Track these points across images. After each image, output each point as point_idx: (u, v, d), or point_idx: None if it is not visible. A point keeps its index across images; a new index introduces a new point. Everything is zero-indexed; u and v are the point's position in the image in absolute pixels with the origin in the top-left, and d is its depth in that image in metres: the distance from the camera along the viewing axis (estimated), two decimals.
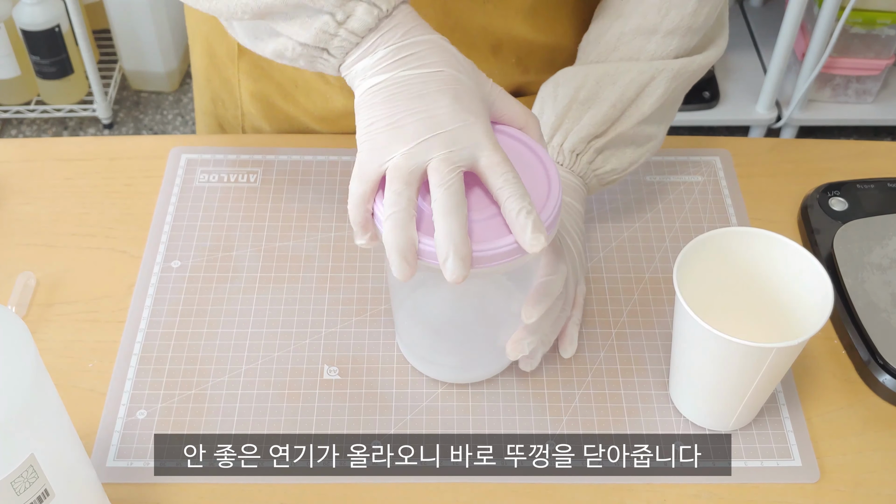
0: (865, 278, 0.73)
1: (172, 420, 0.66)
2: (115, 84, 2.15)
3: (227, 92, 0.87)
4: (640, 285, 0.75)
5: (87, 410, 0.67)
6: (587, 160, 0.72)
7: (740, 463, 0.65)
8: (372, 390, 0.68)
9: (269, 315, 0.72)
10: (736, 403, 0.63)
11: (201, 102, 0.92)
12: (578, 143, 0.71)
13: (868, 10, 1.82)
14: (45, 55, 1.94)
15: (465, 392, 0.68)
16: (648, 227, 0.79)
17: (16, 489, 0.48)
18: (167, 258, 0.76)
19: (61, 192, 0.81)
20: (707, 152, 0.85)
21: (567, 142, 0.71)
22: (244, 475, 0.63)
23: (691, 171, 0.80)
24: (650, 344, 0.71)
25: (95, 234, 0.78)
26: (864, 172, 0.83)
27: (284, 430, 0.66)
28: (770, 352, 0.58)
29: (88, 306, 0.73)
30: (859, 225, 0.76)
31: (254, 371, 0.69)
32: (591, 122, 0.71)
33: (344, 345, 0.70)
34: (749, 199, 0.81)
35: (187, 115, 2.20)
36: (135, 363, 0.69)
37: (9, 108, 2.04)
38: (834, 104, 2.01)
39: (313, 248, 0.77)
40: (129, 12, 2.06)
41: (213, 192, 0.80)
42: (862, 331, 0.70)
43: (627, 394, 0.68)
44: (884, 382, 0.68)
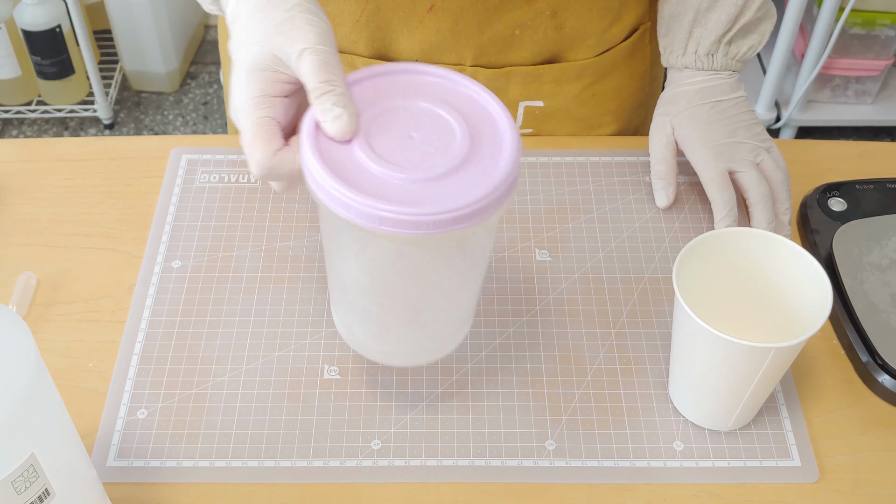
0: (865, 278, 0.73)
1: (173, 420, 0.66)
2: (116, 84, 2.16)
3: None
4: (639, 285, 0.75)
5: (88, 410, 0.67)
6: (722, 54, 0.80)
7: (739, 463, 0.65)
8: (372, 390, 0.68)
9: (269, 315, 0.72)
10: (735, 403, 0.63)
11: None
12: (711, 45, 0.80)
13: (867, 11, 1.83)
14: (45, 55, 1.94)
15: (465, 392, 0.68)
16: (648, 227, 0.79)
17: (16, 488, 0.48)
18: (168, 258, 0.76)
19: (62, 193, 0.81)
20: None
21: (700, 47, 0.80)
22: (244, 475, 0.64)
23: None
24: (650, 344, 0.71)
25: (96, 234, 0.78)
26: (863, 173, 0.83)
27: (285, 430, 0.66)
28: (769, 352, 0.58)
29: (89, 306, 0.73)
30: (858, 225, 0.76)
31: (254, 371, 0.69)
32: (716, 25, 0.79)
33: (344, 345, 0.70)
34: None
35: (188, 115, 2.20)
36: (135, 363, 0.69)
37: (10, 108, 2.05)
38: (833, 105, 2.01)
39: (313, 248, 0.77)
40: (130, 13, 2.07)
41: (214, 193, 0.81)
42: (861, 331, 0.70)
43: (627, 394, 0.68)
44: (883, 382, 0.68)
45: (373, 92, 0.55)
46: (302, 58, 0.53)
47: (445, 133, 0.53)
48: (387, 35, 0.79)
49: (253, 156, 0.54)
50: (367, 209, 0.49)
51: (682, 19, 0.80)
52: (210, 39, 2.40)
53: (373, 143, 0.52)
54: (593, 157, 0.84)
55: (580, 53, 0.82)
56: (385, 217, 0.49)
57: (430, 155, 0.52)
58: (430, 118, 0.54)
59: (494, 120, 0.55)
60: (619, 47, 0.84)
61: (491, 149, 0.53)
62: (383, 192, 0.50)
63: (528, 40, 0.79)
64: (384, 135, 0.53)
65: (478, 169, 0.52)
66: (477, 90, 0.56)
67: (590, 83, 0.85)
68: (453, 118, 0.54)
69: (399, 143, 0.53)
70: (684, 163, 0.81)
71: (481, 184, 0.51)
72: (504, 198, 0.52)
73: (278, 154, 0.54)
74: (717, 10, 0.79)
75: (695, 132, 0.79)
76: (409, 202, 0.50)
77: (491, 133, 0.54)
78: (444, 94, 0.56)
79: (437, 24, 0.77)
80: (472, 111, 0.55)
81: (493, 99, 0.55)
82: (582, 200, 0.81)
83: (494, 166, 0.52)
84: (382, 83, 0.56)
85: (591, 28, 0.80)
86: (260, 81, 0.55)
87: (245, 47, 0.56)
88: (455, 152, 0.52)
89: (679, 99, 0.81)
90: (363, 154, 0.52)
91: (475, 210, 0.50)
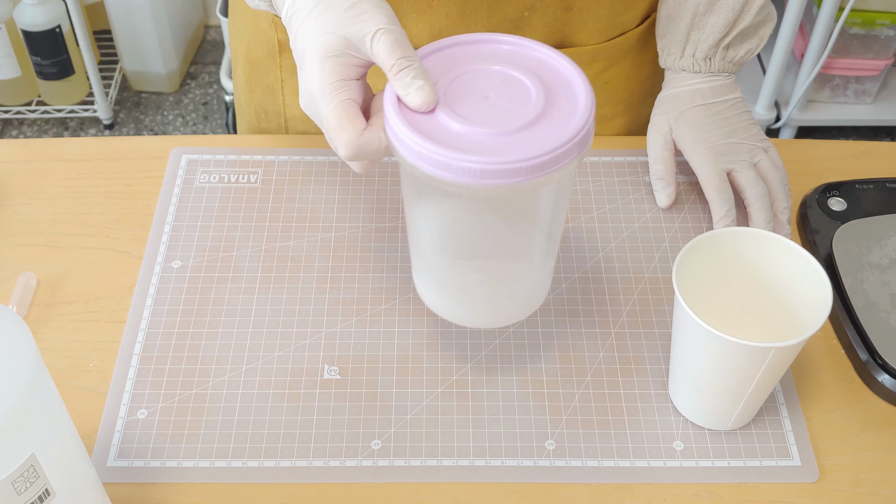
0: (864, 278, 0.73)
1: (173, 420, 0.66)
2: (116, 85, 2.16)
3: (270, 99, 0.88)
4: (639, 285, 0.75)
5: (88, 410, 0.67)
6: (720, 58, 0.81)
7: (739, 462, 0.65)
8: (372, 390, 0.68)
9: (269, 315, 0.72)
10: (735, 403, 0.63)
11: (244, 121, 0.94)
12: (709, 49, 0.80)
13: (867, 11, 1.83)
14: (45, 56, 1.94)
15: (465, 392, 0.68)
16: (648, 227, 0.79)
17: (17, 489, 0.48)
18: (168, 258, 0.76)
19: (62, 193, 0.81)
20: None
21: (698, 51, 0.80)
22: (244, 475, 0.64)
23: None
24: (650, 344, 0.71)
25: (96, 235, 0.78)
26: (863, 172, 0.83)
27: (285, 430, 0.66)
28: (769, 351, 0.58)
29: (89, 306, 0.73)
30: (858, 225, 0.76)
31: (254, 371, 0.69)
32: (714, 29, 0.79)
33: (344, 345, 0.71)
34: None
35: (188, 115, 2.20)
36: (135, 363, 0.69)
37: (10, 108, 2.05)
38: (833, 104, 2.02)
39: (313, 248, 0.77)
40: (130, 13, 2.07)
41: (214, 193, 0.81)
42: (861, 331, 0.70)
43: (627, 394, 0.68)
44: (883, 382, 0.68)
45: (443, 62, 0.57)
46: (376, 38, 0.55)
47: (520, 91, 0.55)
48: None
49: (342, 137, 0.56)
50: (460, 163, 0.51)
51: (679, 22, 0.80)
52: (210, 39, 2.40)
53: (453, 106, 0.54)
54: (594, 157, 0.84)
55: (591, 37, 0.82)
56: (473, 169, 0.51)
57: (509, 111, 0.54)
58: (503, 80, 0.56)
59: (565, 76, 0.57)
60: (632, 33, 0.84)
61: (567, 101, 0.55)
62: (468, 146, 0.52)
63: (537, 21, 0.79)
64: (461, 98, 0.55)
65: (555, 120, 0.54)
66: (546, 52, 0.58)
67: (602, 69, 0.85)
68: (526, 77, 0.56)
69: (477, 104, 0.55)
70: (684, 163, 0.81)
71: (560, 133, 0.53)
72: (582, 145, 0.54)
73: (365, 133, 0.56)
74: (714, 13, 0.79)
75: (693, 133, 0.79)
76: (493, 152, 0.52)
77: (564, 88, 0.56)
78: (515, 57, 0.58)
79: (446, 9, 0.77)
80: (544, 71, 0.57)
81: (563, 58, 0.57)
82: (582, 200, 0.81)
83: (572, 116, 0.54)
84: (453, 53, 0.58)
85: (601, 10, 0.80)
86: (336, 66, 0.57)
87: (313, 38, 0.57)
88: (532, 107, 0.54)
89: (677, 99, 0.81)
90: (445, 116, 0.54)
91: (556, 156, 0.52)
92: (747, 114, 0.81)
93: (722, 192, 0.76)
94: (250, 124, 0.93)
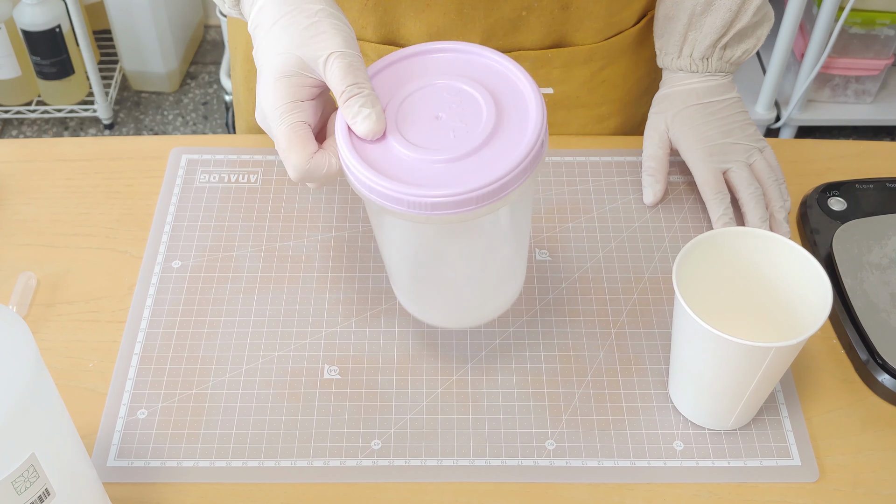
0: (864, 278, 0.73)
1: (173, 420, 0.66)
2: (116, 84, 2.16)
3: None
4: (639, 285, 0.75)
5: (88, 410, 0.67)
6: (717, 58, 0.81)
7: (739, 462, 0.65)
8: (372, 390, 0.68)
9: (269, 315, 0.72)
10: (735, 403, 0.63)
11: (243, 119, 0.94)
12: (706, 49, 0.80)
13: (867, 11, 1.83)
14: (45, 55, 1.94)
15: (465, 392, 0.68)
16: (648, 227, 0.79)
17: (17, 489, 0.48)
18: (168, 258, 0.76)
19: (62, 193, 0.81)
20: None
21: (695, 51, 0.80)
22: (244, 475, 0.64)
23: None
24: (650, 344, 0.71)
25: (96, 235, 0.78)
26: (863, 172, 0.83)
27: (285, 430, 0.66)
28: (769, 351, 0.58)
29: (89, 306, 0.73)
30: (858, 225, 0.76)
31: (254, 371, 0.69)
32: (711, 30, 0.79)
33: (344, 345, 0.71)
34: None
35: (188, 115, 2.20)
36: (135, 363, 0.69)
37: (9, 108, 2.05)
38: (833, 104, 2.02)
39: (313, 248, 0.77)
40: (130, 13, 2.07)
41: (214, 193, 0.81)
42: (861, 330, 0.70)
43: (627, 393, 0.68)
44: (883, 382, 0.68)
45: (393, 79, 0.57)
46: (329, 62, 0.55)
47: (471, 108, 0.55)
48: (394, 20, 0.79)
49: (290, 160, 0.56)
50: (410, 197, 0.51)
51: (676, 22, 0.80)
52: (210, 39, 2.40)
53: (403, 131, 0.55)
54: (593, 157, 0.84)
55: (588, 36, 0.82)
56: (424, 202, 0.51)
57: (459, 133, 0.54)
58: (454, 96, 0.56)
59: (516, 85, 0.56)
60: (628, 32, 0.84)
61: (517, 114, 0.55)
62: (418, 177, 0.52)
63: (534, 21, 0.79)
64: (412, 120, 0.55)
65: (507, 139, 0.54)
66: (492, 56, 0.58)
67: (599, 68, 0.85)
68: (477, 91, 0.56)
69: (428, 126, 0.55)
70: (682, 162, 0.81)
71: (512, 154, 0.53)
72: (534, 165, 0.53)
73: (315, 157, 0.56)
74: (712, 14, 0.79)
75: (689, 132, 0.79)
76: (444, 183, 0.52)
77: (514, 99, 0.56)
78: (466, 67, 0.58)
79: (444, 8, 0.78)
80: (494, 80, 0.57)
81: (513, 64, 0.57)
82: (582, 200, 0.81)
83: (523, 132, 0.54)
84: (401, 69, 0.58)
85: (598, 10, 0.80)
86: (288, 87, 0.57)
87: (270, 55, 0.57)
88: (483, 126, 0.54)
89: (674, 98, 0.81)
90: (395, 143, 0.54)
91: (508, 181, 0.52)
92: (744, 114, 0.81)
93: (718, 192, 0.77)
94: (249, 122, 0.93)
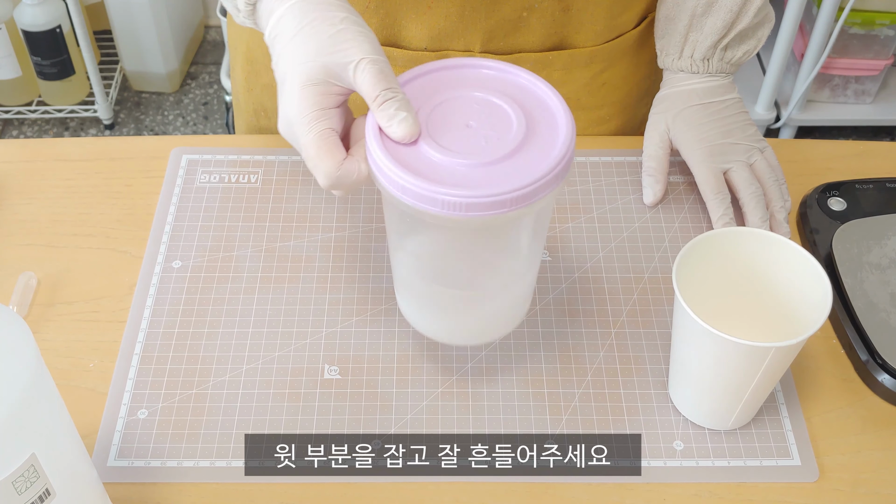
0: (864, 278, 0.73)
1: (173, 420, 0.66)
2: (116, 85, 2.16)
3: (269, 97, 0.89)
4: (639, 285, 0.75)
5: (88, 410, 0.67)
6: (717, 59, 0.81)
7: (739, 462, 0.65)
8: (372, 390, 0.68)
9: (269, 315, 0.72)
10: (735, 403, 0.63)
11: (242, 119, 0.94)
12: (707, 50, 0.80)
13: (867, 11, 1.83)
14: (46, 56, 1.94)
15: (466, 392, 0.68)
16: (648, 227, 0.79)
17: (17, 489, 0.48)
18: (168, 258, 0.76)
19: (62, 193, 0.81)
20: None
21: (696, 52, 0.81)
22: (244, 475, 0.64)
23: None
24: (650, 344, 0.71)
25: (96, 235, 0.78)
26: (862, 172, 0.83)
27: (285, 430, 0.66)
28: (769, 351, 0.58)
29: (89, 306, 0.73)
30: (858, 225, 0.76)
31: (254, 371, 0.69)
32: (712, 31, 0.79)
33: (344, 345, 0.71)
34: None
35: (188, 115, 2.20)
36: (136, 363, 0.69)
37: (10, 108, 2.05)
38: (833, 104, 2.02)
39: (313, 248, 0.77)
40: (130, 13, 2.07)
41: (214, 193, 0.81)
42: (861, 330, 0.70)
43: (627, 393, 0.68)
44: (882, 382, 0.68)
45: (423, 89, 0.58)
46: (359, 68, 0.55)
47: (502, 119, 0.56)
48: (396, 21, 0.79)
49: (320, 168, 0.56)
50: (445, 197, 0.52)
51: (677, 23, 0.81)
52: (210, 40, 2.40)
53: (434, 136, 0.55)
54: (593, 158, 0.84)
55: (588, 39, 0.82)
56: (458, 202, 0.52)
57: (490, 140, 0.55)
58: (484, 107, 0.57)
59: (546, 103, 0.57)
60: (629, 35, 0.84)
61: (547, 128, 0.56)
62: (451, 179, 0.53)
63: (535, 23, 0.79)
64: (443, 127, 0.55)
65: (536, 149, 0.55)
66: (527, 77, 0.58)
67: (600, 71, 0.85)
68: (507, 105, 0.56)
69: (459, 133, 0.55)
70: (682, 162, 0.81)
71: (542, 163, 0.53)
72: (563, 175, 0.54)
73: (344, 164, 0.56)
74: (712, 14, 0.79)
75: (690, 132, 0.79)
76: (476, 185, 0.52)
77: (545, 115, 0.56)
78: (496, 83, 0.58)
79: (445, 10, 0.78)
80: (525, 97, 0.57)
81: (543, 83, 0.58)
82: (582, 200, 0.81)
83: (553, 144, 0.55)
84: (435, 79, 0.58)
85: (599, 12, 0.80)
86: (315, 95, 0.56)
87: (294, 63, 0.57)
88: (513, 136, 0.55)
89: (675, 99, 0.81)
90: (427, 147, 0.54)
91: (539, 187, 0.53)
92: (744, 114, 0.81)
93: (718, 193, 0.77)
94: (249, 123, 0.93)
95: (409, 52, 0.81)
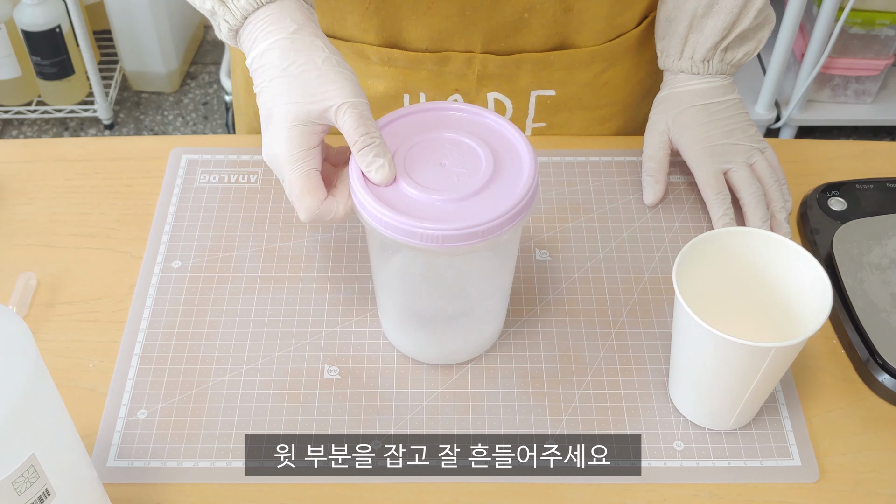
0: (864, 278, 0.73)
1: (173, 420, 0.66)
2: (116, 85, 2.15)
3: None
4: (639, 285, 0.75)
5: (88, 410, 0.67)
6: (718, 60, 0.81)
7: (740, 462, 0.65)
8: (372, 390, 0.68)
9: (269, 315, 0.72)
10: (735, 403, 0.63)
11: (243, 120, 0.94)
12: (707, 51, 0.80)
13: (867, 11, 1.83)
14: (45, 56, 1.94)
15: (465, 392, 0.68)
16: (648, 227, 0.79)
17: (17, 489, 0.48)
18: (168, 258, 0.76)
19: (62, 193, 0.81)
20: None
21: (696, 53, 0.81)
22: (244, 475, 0.64)
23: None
24: (650, 344, 0.71)
25: (96, 235, 0.78)
26: (863, 172, 0.83)
27: (285, 430, 0.66)
28: (769, 351, 0.58)
29: (89, 306, 0.73)
30: (858, 225, 0.76)
31: (254, 371, 0.69)
32: (712, 32, 0.80)
33: (344, 345, 0.71)
34: None
35: (188, 115, 2.20)
36: (135, 363, 0.69)
37: (9, 108, 2.04)
38: (833, 104, 2.01)
39: (313, 248, 0.77)
40: (130, 13, 2.07)
41: (214, 193, 0.81)
42: (861, 330, 0.70)
43: (627, 393, 0.68)
44: (883, 382, 0.68)
45: (401, 130, 0.63)
46: (340, 112, 0.60)
47: (472, 158, 0.61)
48: (396, 23, 0.79)
49: (303, 205, 0.61)
50: (422, 230, 0.57)
51: (677, 24, 0.81)
52: (210, 40, 2.40)
53: (412, 173, 0.60)
54: (593, 157, 0.84)
55: (590, 39, 0.82)
56: (434, 234, 0.57)
57: (462, 178, 0.60)
58: (456, 147, 0.62)
59: (512, 143, 0.63)
60: (630, 34, 0.84)
61: (513, 166, 0.61)
62: (427, 213, 0.58)
63: (536, 24, 0.79)
64: (419, 165, 0.61)
65: (503, 185, 0.60)
66: (495, 119, 0.64)
67: (601, 70, 0.85)
68: (477, 145, 0.62)
69: (433, 171, 0.61)
70: (683, 163, 0.81)
71: (509, 197, 0.59)
72: (528, 206, 0.60)
73: (325, 203, 0.61)
74: (713, 16, 0.79)
75: (691, 133, 0.79)
76: (450, 219, 0.58)
77: (510, 154, 0.62)
78: (467, 125, 0.64)
79: (446, 11, 0.78)
80: (492, 137, 0.63)
81: (509, 125, 0.63)
82: (582, 200, 0.81)
83: (518, 180, 0.60)
84: (411, 121, 0.64)
85: (600, 12, 0.80)
86: (301, 136, 0.60)
87: (281, 104, 0.61)
88: (482, 173, 0.60)
89: (675, 99, 0.81)
90: (405, 185, 0.60)
91: (506, 219, 0.58)
92: (744, 115, 0.81)
93: (719, 193, 0.77)
94: (250, 125, 0.93)
95: (409, 54, 0.81)
